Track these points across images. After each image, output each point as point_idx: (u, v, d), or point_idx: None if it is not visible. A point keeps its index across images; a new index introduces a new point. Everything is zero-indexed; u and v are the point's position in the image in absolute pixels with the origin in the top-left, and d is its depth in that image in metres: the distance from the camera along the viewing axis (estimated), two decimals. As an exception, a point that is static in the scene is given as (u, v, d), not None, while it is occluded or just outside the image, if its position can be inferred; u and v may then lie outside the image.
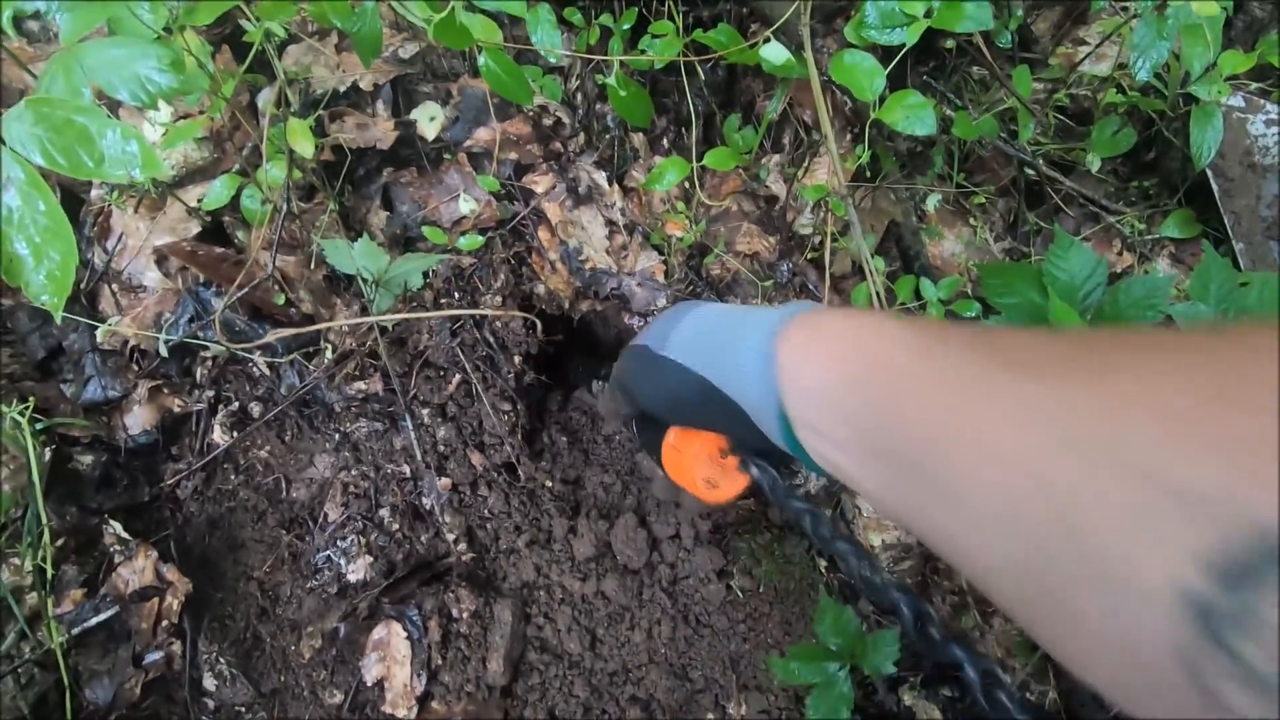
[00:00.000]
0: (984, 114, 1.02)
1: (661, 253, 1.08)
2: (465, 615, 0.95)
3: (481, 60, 0.81)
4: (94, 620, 0.87)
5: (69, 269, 0.55)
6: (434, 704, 0.92)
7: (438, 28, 0.74)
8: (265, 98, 1.03)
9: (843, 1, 0.94)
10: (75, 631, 0.85)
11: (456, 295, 1.03)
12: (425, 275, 1.02)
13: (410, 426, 0.99)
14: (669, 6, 0.99)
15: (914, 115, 0.80)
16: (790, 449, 0.42)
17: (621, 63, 0.91)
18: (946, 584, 0.97)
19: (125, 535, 0.91)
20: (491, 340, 1.02)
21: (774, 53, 0.84)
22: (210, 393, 1.00)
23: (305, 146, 0.80)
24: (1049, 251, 0.89)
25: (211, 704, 0.91)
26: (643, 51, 0.96)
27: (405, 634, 0.94)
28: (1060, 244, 0.89)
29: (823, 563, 1.01)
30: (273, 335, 0.83)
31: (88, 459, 0.93)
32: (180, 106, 0.99)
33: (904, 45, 0.82)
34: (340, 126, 1.03)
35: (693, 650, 0.98)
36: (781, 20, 0.87)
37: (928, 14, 0.80)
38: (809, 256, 1.10)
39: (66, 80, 0.60)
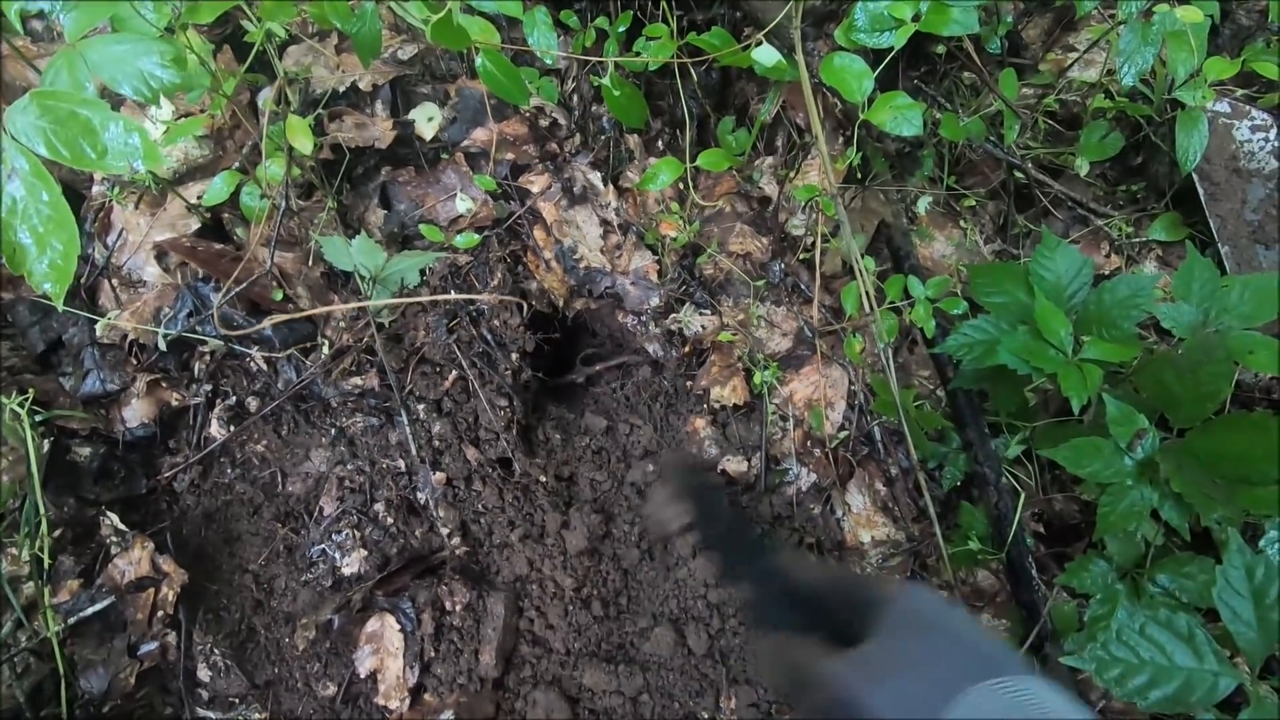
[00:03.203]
0: (973, 117, 1.03)
1: (655, 252, 1.10)
2: (458, 608, 0.96)
3: (479, 61, 0.83)
4: (90, 610, 0.88)
5: (71, 258, 0.56)
6: (426, 696, 0.92)
7: (435, 28, 0.76)
8: (265, 97, 1.05)
9: (833, 5, 0.96)
10: (71, 621, 0.86)
11: (453, 292, 1.04)
12: (422, 273, 1.03)
13: (406, 421, 1.00)
14: (663, 9, 1.00)
15: (902, 116, 0.81)
16: None
17: (616, 64, 0.92)
18: (935, 580, 0.98)
19: (122, 527, 0.92)
20: (489, 337, 1.03)
21: (765, 55, 0.86)
22: (208, 387, 1.01)
23: (304, 143, 0.81)
24: (1035, 251, 0.91)
25: (206, 695, 0.91)
26: (637, 53, 0.97)
27: (398, 626, 0.94)
28: (1047, 244, 0.90)
29: (811, 557, 1.02)
30: (268, 321, 0.84)
31: (86, 451, 0.94)
32: (181, 105, 1.00)
33: (893, 48, 0.83)
34: (339, 126, 1.05)
35: (684, 645, 0.99)
36: (773, 23, 0.89)
37: (916, 18, 0.82)
38: (801, 257, 1.12)
39: (70, 74, 0.61)
